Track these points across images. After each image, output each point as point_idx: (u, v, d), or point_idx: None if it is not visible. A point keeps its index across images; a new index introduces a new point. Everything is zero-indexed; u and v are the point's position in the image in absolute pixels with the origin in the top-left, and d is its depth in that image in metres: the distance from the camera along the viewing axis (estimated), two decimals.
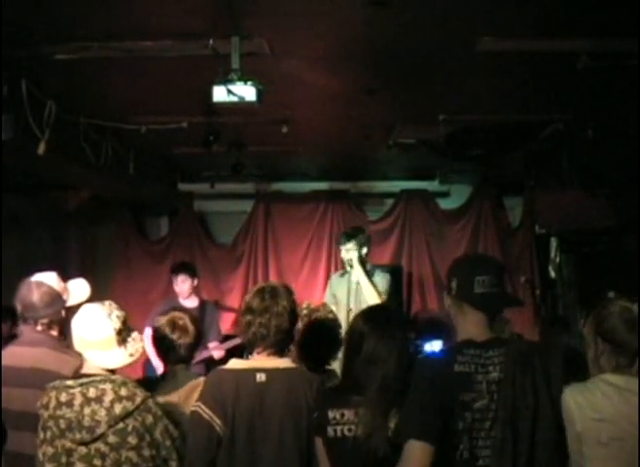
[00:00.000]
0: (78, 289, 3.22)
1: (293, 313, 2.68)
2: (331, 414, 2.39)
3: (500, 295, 2.31)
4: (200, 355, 5.29)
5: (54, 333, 3.04)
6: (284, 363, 2.65)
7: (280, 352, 2.66)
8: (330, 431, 2.39)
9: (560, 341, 3.01)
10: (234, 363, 2.74)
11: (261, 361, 2.64)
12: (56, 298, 3.06)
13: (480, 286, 2.25)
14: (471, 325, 2.28)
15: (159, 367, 3.10)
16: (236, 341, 5.41)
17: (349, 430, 2.37)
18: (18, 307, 3.03)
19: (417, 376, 2.26)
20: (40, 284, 3.03)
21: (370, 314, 2.60)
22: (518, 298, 2.51)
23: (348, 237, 5.23)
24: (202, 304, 5.81)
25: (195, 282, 5.80)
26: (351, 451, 2.36)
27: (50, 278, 3.09)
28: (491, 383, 2.17)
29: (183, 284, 5.73)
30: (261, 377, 2.57)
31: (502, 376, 2.17)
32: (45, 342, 2.96)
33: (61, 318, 3.08)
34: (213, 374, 2.68)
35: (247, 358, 2.84)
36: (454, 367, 2.17)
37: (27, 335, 3.01)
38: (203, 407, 2.54)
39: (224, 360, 5.34)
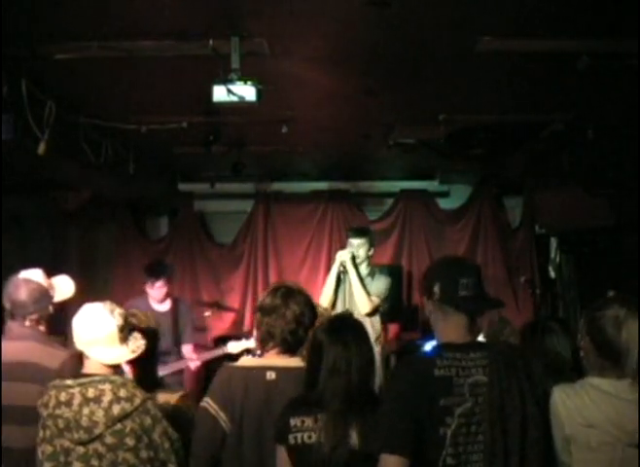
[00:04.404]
0: (63, 285, 3.28)
1: (302, 316, 2.69)
2: (292, 422, 2.39)
3: (482, 297, 2.30)
4: (177, 365, 5.25)
5: (42, 328, 3.11)
6: (294, 362, 2.67)
7: (290, 351, 2.69)
8: (290, 439, 2.38)
9: (542, 345, 3.01)
10: (245, 360, 2.80)
11: (271, 359, 2.67)
12: (45, 294, 3.12)
13: (465, 289, 2.24)
14: (452, 328, 2.27)
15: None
16: (215, 353, 5.39)
17: (309, 437, 2.37)
18: (7, 305, 3.08)
19: (394, 383, 2.26)
20: (28, 281, 3.10)
21: (329, 325, 2.59)
22: (499, 299, 2.48)
23: (361, 233, 5.24)
24: (175, 305, 5.43)
25: (171, 286, 5.44)
26: (312, 459, 2.36)
27: (36, 275, 3.14)
28: (474, 386, 2.15)
29: (161, 289, 5.29)
30: (271, 375, 2.60)
31: (486, 378, 2.16)
32: (32, 336, 3.02)
33: (49, 314, 3.13)
34: (223, 370, 2.71)
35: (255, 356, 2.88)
36: (434, 372, 2.15)
37: (14, 330, 3.06)
38: (211, 402, 2.59)
39: (202, 371, 5.36)
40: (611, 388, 2.28)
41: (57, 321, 3.28)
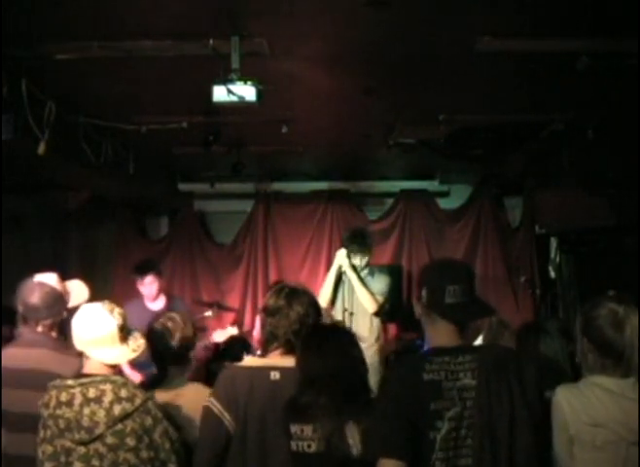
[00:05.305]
0: (77, 290, 3.23)
1: (306, 317, 2.70)
2: (292, 429, 2.41)
3: (470, 304, 2.25)
4: None
5: (54, 334, 3.04)
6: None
7: (294, 352, 2.68)
8: (292, 445, 2.40)
9: (536, 346, 3.00)
10: (249, 360, 2.85)
11: (275, 359, 2.67)
12: (59, 298, 3.06)
13: (452, 296, 2.20)
14: (440, 334, 2.25)
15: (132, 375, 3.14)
16: (203, 344, 5.40)
17: (309, 446, 2.38)
18: (20, 308, 3.02)
19: (385, 387, 2.24)
20: (42, 285, 3.03)
21: (306, 337, 2.59)
22: (489, 306, 2.43)
23: (359, 242, 5.21)
24: (169, 302, 5.47)
25: (162, 282, 5.47)
26: None
27: (51, 279, 3.09)
28: (462, 390, 2.12)
29: (151, 286, 5.33)
30: (275, 375, 2.60)
31: (475, 382, 2.13)
32: (45, 344, 2.96)
33: (62, 319, 3.08)
34: (228, 370, 2.72)
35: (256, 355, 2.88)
36: (423, 376, 2.13)
37: (27, 336, 3.00)
38: (215, 402, 2.59)
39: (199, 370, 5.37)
40: (616, 387, 2.28)
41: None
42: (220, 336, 5.30)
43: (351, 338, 2.60)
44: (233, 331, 5.29)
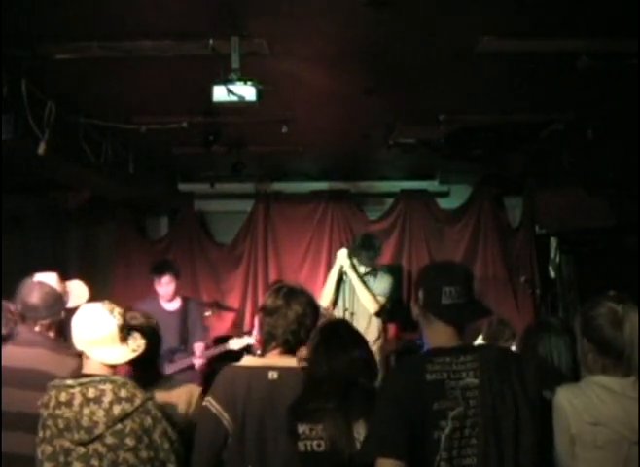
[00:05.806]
0: (77, 290, 3.23)
1: (304, 317, 2.70)
2: (300, 429, 2.39)
3: (468, 306, 2.24)
4: (182, 362, 5.28)
5: (52, 334, 3.04)
6: (296, 362, 2.67)
7: (292, 352, 2.69)
8: (300, 446, 2.39)
9: (536, 346, 2.99)
10: (248, 360, 2.81)
11: (273, 359, 2.68)
12: (58, 298, 3.06)
13: (448, 297, 2.20)
14: (438, 335, 2.25)
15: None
16: (218, 351, 5.43)
17: (318, 445, 2.37)
18: (19, 308, 3.02)
19: (387, 387, 2.24)
20: (42, 284, 3.04)
21: (316, 335, 2.59)
22: (487, 308, 2.42)
23: (366, 251, 5.21)
24: (185, 303, 5.53)
25: (178, 282, 5.51)
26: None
27: (50, 279, 3.09)
28: (466, 390, 2.12)
29: (169, 286, 5.38)
30: (273, 374, 2.61)
31: (478, 381, 2.13)
32: (43, 344, 2.96)
33: (61, 319, 3.08)
34: (226, 369, 2.72)
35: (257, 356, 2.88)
36: (426, 376, 2.12)
37: (24, 335, 3.00)
38: (213, 401, 2.60)
39: (205, 369, 5.39)
40: (617, 386, 2.28)
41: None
42: (236, 344, 5.29)
43: (357, 337, 2.60)
44: (250, 340, 5.26)
